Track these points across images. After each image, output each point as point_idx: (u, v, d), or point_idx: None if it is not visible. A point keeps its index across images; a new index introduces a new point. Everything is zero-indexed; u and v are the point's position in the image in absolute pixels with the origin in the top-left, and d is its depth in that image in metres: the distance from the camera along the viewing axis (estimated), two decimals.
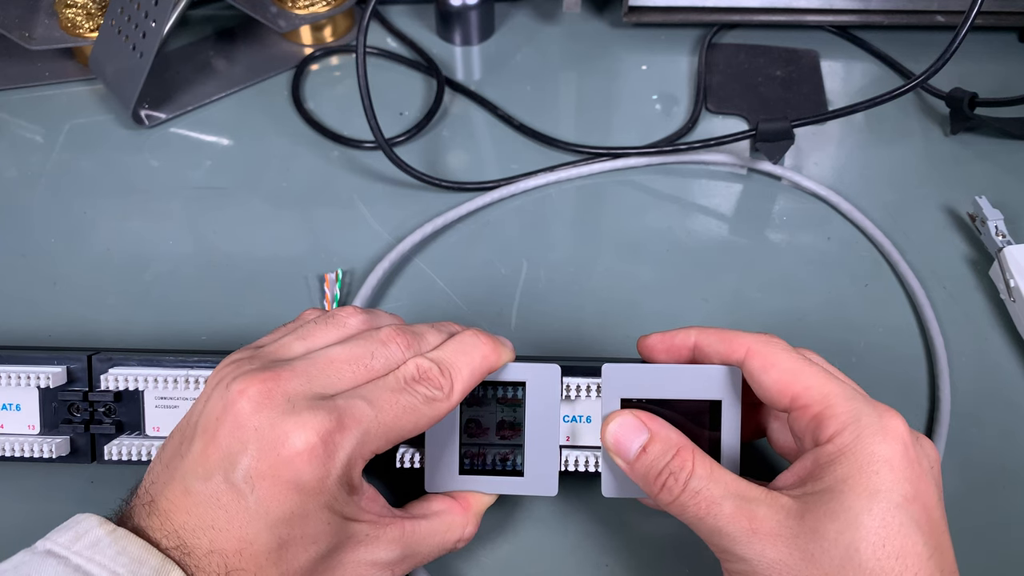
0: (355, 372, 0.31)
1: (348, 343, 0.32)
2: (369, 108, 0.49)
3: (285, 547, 0.28)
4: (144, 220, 0.51)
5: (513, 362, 0.34)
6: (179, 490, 0.28)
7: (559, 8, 0.64)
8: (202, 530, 0.28)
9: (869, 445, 0.29)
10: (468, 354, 0.33)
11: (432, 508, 0.34)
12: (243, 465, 0.28)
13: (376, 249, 0.49)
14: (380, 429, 0.30)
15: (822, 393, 0.30)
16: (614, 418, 0.32)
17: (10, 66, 0.60)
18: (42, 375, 0.36)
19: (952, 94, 0.54)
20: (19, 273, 0.48)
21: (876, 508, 0.28)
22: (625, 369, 0.34)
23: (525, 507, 0.38)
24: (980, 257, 0.48)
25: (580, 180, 0.53)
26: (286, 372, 0.30)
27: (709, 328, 0.34)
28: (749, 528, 0.29)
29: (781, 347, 0.32)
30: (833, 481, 0.29)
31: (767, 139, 0.50)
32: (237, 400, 0.29)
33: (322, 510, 0.29)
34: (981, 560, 0.36)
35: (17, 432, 0.37)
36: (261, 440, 0.28)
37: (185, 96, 0.58)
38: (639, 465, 0.31)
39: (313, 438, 0.28)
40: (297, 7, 0.60)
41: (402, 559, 0.32)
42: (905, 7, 0.60)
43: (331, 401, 0.29)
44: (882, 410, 0.30)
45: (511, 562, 0.37)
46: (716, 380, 0.34)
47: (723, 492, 0.30)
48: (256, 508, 0.27)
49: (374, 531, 0.31)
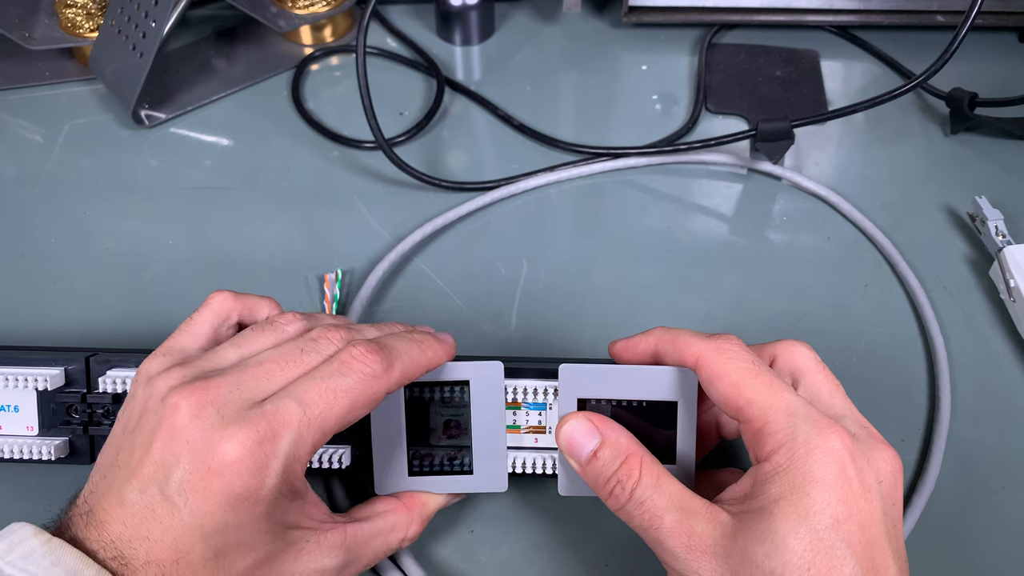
0: (285, 371, 0.31)
1: (280, 345, 0.32)
2: (369, 108, 0.49)
3: (221, 556, 0.28)
4: (144, 220, 0.51)
5: (456, 361, 0.34)
6: (115, 500, 0.28)
7: (559, 8, 0.64)
8: (138, 541, 0.28)
9: (803, 465, 0.28)
10: (406, 339, 0.33)
11: (375, 509, 0.34)
12: (176, 477, 0.28)
13: (376, 249, 0.49)
14: (312, 426, 0.29)
15: (763, 409, 0.30)
16: (568, 420, 0.32)
17: (10, 66, 0.60)
18: (40, 377, 0.36)
19: (952, 94, 0.54)
20: (19, 273, 0.48)
21: (803, 531, 0.27)
22: (581, 369, 0.34)
23: (525, 507, 0.38)
24: (980, 257, 0.48)
25: (580, 180, 0.53)
26: (215, 381, 0.30)
27: (669, 332, 0.33)
28: (687, 544, 0.28)
29: (730, 355, 0.31)
30: (766, 501, 0.28)
31: (767, 139, 0.50)
32: (170, 414, 0.29)
33: (259, 519, 0.29)
34: (981, 560, 0.36)
35: (16, 433, 0.37)
36: (193, 452, 0.28)
37: (185, 96, 0.58)
38: (590, 469, 0.31)
39: (243, 449, 0.28)
40: (297, 7, 0.60)
41: (346, 564, 0.32)
42: (905, 7, 0.60)
43: (259, 408, 0.29)
44: (822, 428, 0.29)
45: (511, 562, 0.37)
46: (672, 381, 0.34)
47: (666, 504, 0.29)
48: (190, 520, 0.28)
49: (316, 537, 0.31)
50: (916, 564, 0.36)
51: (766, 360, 0.33)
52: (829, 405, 0.31)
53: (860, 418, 0.31)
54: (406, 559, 0.36)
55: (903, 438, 0.40)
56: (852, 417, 0.31)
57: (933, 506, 0.38)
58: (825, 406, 0.31)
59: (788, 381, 0.32)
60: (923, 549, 0.37)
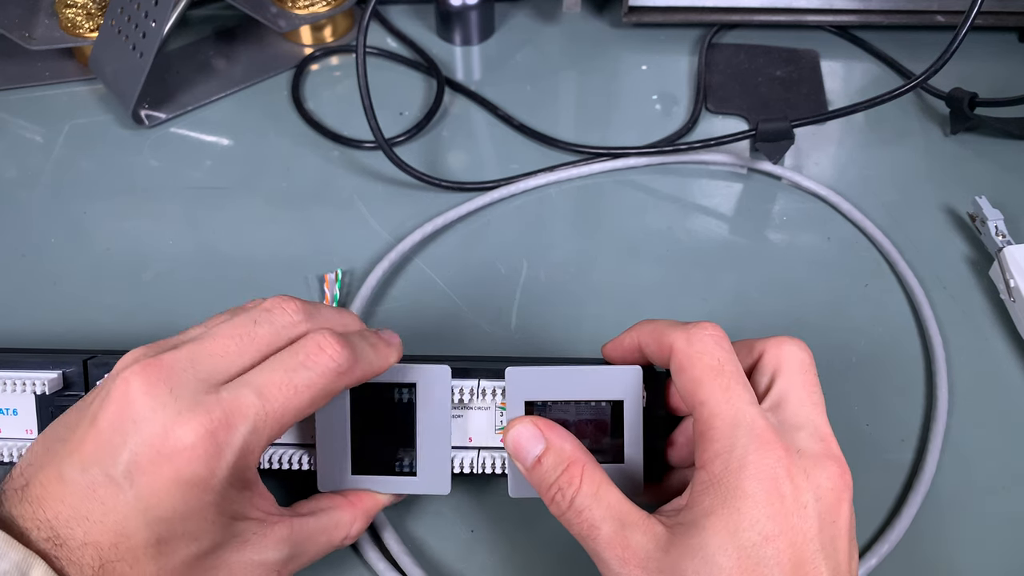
0: (240, 345, 0.30)
1: (234, 317, 0.31)
2: (369, 108, 0.49)
3: (164, 543, 0.27)
4: (144, 220, 0.51)
5: (403, 363, 0.34)
6: (54, 476, 0.27)
7: (559, 8, 0.64)
8: (76, 521, 0.27)
9: (736, 479, 0.28)
10: (366, 342, 0.32)
11: (320, 505, 0.33)
12: (123, 459, 0.27)
13: (376, 249, 0.49)
14: (269, 420, 0.29)
15: (711, 413, 0.29)
16: (515, 425, 0.32)
17: (10, 66, 0.60)
18: (38, 381, 0.35)
19: (952, 94, 0.54)
20: (19, 273, 0.48)
21: (731, 547, 0.27)
22: (528, 372, 0.34)
23: (525, 507, 0.38)
24: (980, 257, 0.48)
25: (580, 180, 0.53)
26: (168, 357, 0.29)
27: (650, 324, 0.33)
28: (621, 556, 0.28)
29: (699, 348, 0.30)
30: (699, 513, 0.28)
31: (767, 139, 0.50)
32: (121, 389, 0.28)
33: (206, 508, 0.28)
34: (981, 560, 0.36)
35: (15, 436, 0.37)
36: (142, 434, 0.27)
37: (185, 96, 0.58)
38: (534, 474, 0.31)
39: (195, 436, 0.27)
40: (297, 7, 0.60)
41: (290, 559, 0.31)
42: (905, 7, 0.60)
43: (216, 395, 0.28)
44: (762, 443, 0.28)
45: (511, 562, 0.37)
46: (617, 380, 0.34)
47: (604, 514, 0.29)
48: (135, 503, 0.27)
49: (262, 530, 0.30)
50: (913, 564, 0.36)
51: (755, 355, 0.32)
52: (794, 412, 0.30)
53: (822, 429, 0.30)
54: (406, 559, 0.36)
55: (902, 438, 0.40)
56: (811, 428, 0.30)
57: (931, 506, 0.38)
58: (790, 412, 0.30)
59: (766, 381, 0.31)
60: (922, 549, 0.37)
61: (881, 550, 0.36)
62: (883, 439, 0.40)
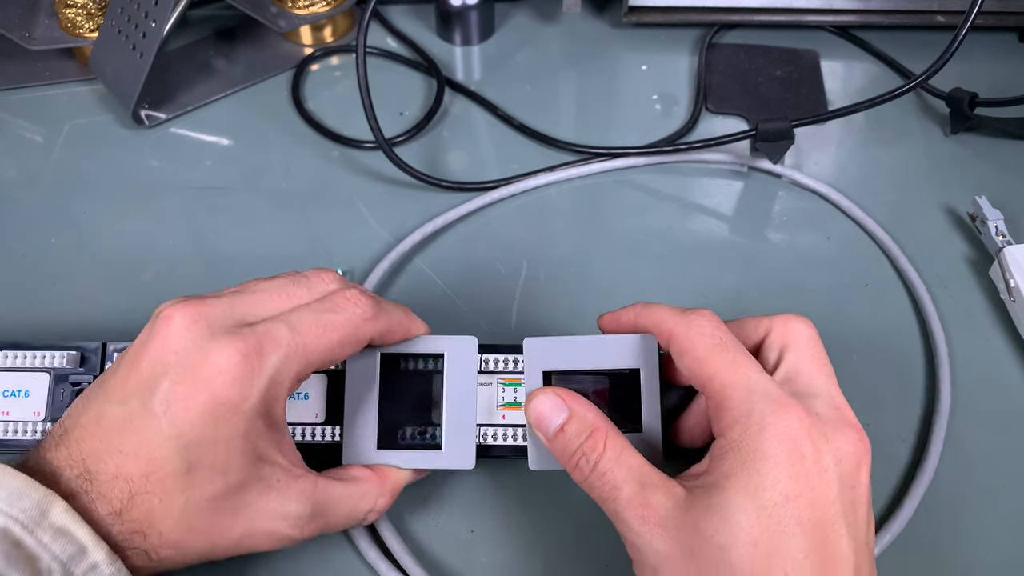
0: (277, 300, 0.32)
1: (275, 278, 0.33)
2: (369, 108, 0.49)
3: (193, 472, 0.28)
4: (144, 220, 0.51)
5: (431, 335, 0.36)
6: (93, 416, 0.29)
7: (559, 8, 0.64)
8: (109, 455, 0.28)
9: (756, 442, 0.28)
10: (392, 303, 0.35)
11: (349, 474, 0.34)
12: (162, 388, 0.28)
13: (376, 249, 0.49)
14: (299, 351, 0.30)
15: (723, 384, 0.30)
16: (536, 395, 0.32)
17: (10, 66, 0.60)
18: (57, 355, 0.38)
19: (952, 94, 0.54)
20: (19, 272, 0.48)
21: (751, 506, 0.27)
22: (545, 342, 0.34)
23: (525, 507, 0.38)
24: (980, 257, 0.48)
25: (580, 180, 0.53)
26: (209, 300, 0.31)
27: (647, 307, 0.34)
28: (641, 515, 0.29)
29: (698, 330, 0.31)
30: (719, 475, 0.28)
31: (767, 139, 0.50)
32: (162, 327, 0.29)
33: (236, 437, 0.29)
34: (981, 561, 0.36)
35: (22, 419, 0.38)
36: (181, 363, 0.28)
37: (185, 96, 0.58)
38: (557, 443, 0.32)
39: (232, 359, 0.28)
40: (297, 7, 0.60)
41: (312, 517, 0.32)
42: (905, 7, 0.60)
43: (251, 327, 0.30)
44: (780, 406, 0.29)
45: (511, 562, 0.37)
46: (633, 348, 0.34)
47: (625, 476, 0.30)
48: (169, 429, 0.28)
49: (286, 479, 0.31)
50: (913, 561, 0.36)
51: (761, 332, 0.33)
52: (807, 384, 0.31)
53: (837, 399, 0.31)
54: (406, 559, 0.36)
55: (903, 437, 0.40)
56: (826, 397, 0.30)
57: (931, 504, 0.38)
58: (803, 384, 0.31)
59: (775, 356, 0.32)
60: (921, 547, 0.37)
61: (883, 540, 0.36)
62: (883, 437, 0.40)
